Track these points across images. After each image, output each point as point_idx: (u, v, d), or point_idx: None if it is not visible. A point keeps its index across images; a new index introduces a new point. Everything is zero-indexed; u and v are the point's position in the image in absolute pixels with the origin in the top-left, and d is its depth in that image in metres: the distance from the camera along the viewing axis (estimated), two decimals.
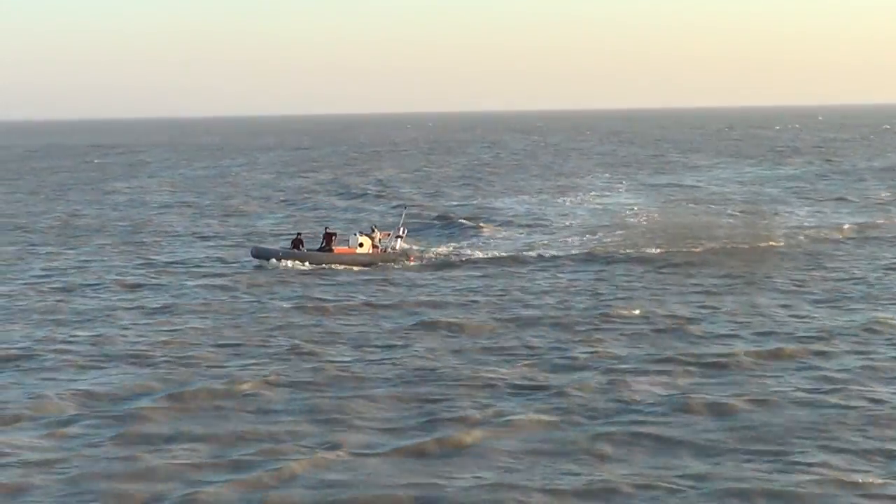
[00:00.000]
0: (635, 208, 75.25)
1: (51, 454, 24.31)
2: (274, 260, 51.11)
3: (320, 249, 52.54)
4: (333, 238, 53.00)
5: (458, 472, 22.94)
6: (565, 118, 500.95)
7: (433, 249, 55.97)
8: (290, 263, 50.88)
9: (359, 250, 52.38)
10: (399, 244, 54.04)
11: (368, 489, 21.98)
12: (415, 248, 56.04)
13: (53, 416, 27.31)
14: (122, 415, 27.27)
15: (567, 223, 67.90)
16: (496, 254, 54.54)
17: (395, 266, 51.32)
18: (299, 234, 54.49)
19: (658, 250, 53.78)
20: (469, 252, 55.25)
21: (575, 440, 24.84)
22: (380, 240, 53.58)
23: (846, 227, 62.73)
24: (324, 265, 51.20)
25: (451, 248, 56.70)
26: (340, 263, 51.42)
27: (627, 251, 53.89)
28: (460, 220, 70.03)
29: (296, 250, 51.96)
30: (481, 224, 68.15)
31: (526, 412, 26.85)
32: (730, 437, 24.84)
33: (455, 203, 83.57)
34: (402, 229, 55.22)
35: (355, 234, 53.83)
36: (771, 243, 56.05)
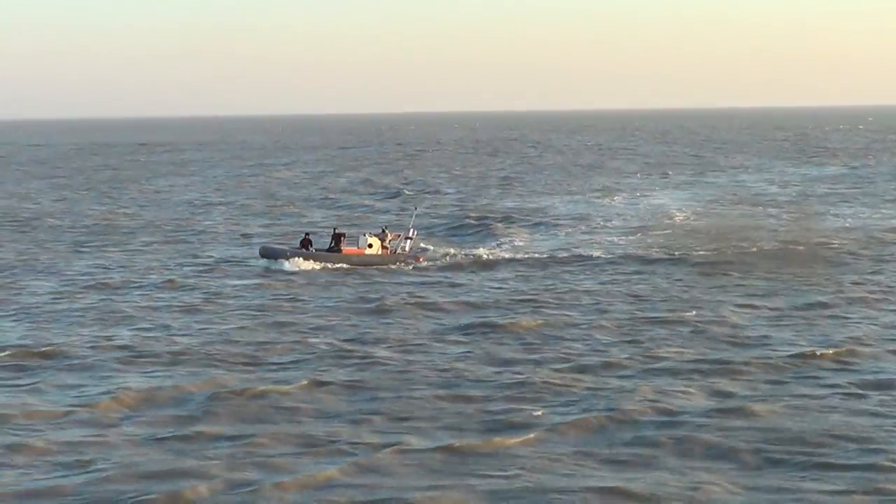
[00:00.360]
0: (680, 209, 74.60)
1: (94, 453, 24.28)
2: (282, 260, 50.70)
3: (329, 250, 52.18)
4: (342, 238, 52.68)
5: (504, 473, 22.74)
6: (614, 118, 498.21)
7: (463, 251, 55.66)
8: (299, 264, 50.44)
9: (367, 251, 52.07)
10: (409, 245, 53.65)
11: (415, 491, 21.80)
12: (439, 249, 55.98)
13: (97, 414, 27.26)
14: (164, 414, 27.28)
15: (610, 223, 67.49)
16: (537, 254, 54.23)
17: (406, 267, 51.01)
18: (307, 233, 54.22)
19: (702, 251, 53.19)
20: (510, 252, 55.05)
21: (618, 445, 24.56)
22: (390, 241, 53.28)
23: None
24: (333, 266, 50.85)
25: (489, 249, 56.47)
26: (349, 264, 51.12)
27: (671, 252, 53.38)
28: (501, 220, 69.73)
29: (304, 250, 51.57)
30: (521, 224, 67.92)
31: (569, 416, 26.57)
32: (776, 444, 24.33)
33: (497, 203, 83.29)
34: (412, 231, 54.88)
35: (364, 235, 53.52)
36: (818, 245, 55.25)
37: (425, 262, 52.13)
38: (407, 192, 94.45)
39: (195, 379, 30.56)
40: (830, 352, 32.52)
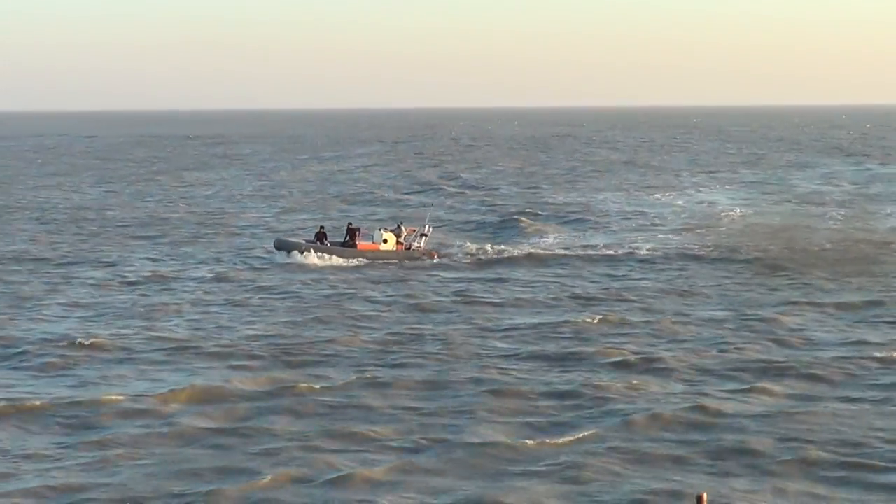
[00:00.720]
0: (734, 206, 73.86)
1: (148, 448, 24.06)
2: (296, 252, 50.45)
3: (343, 244, 51.97)
4: (357, 233, 52.44)
5: (552, 473, 22.43)
6: (670, 114, 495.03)
7: (512, 246, 55.18)
8: (313, 258, 50.13)
9: (382, 246, 51.82)
10: (423, 242, 53.20)
11: (463, 490, 21.59)
12: (485, 244, 55.60)
13: (149, 409, 27.03)
14: (215, 410, 26.94)
15: (663, 220, 66.83)
16: (587, 251, 53.77)
17: (422, 264, 50.61)
18: (322, 226, 53.92)
19: (758, 250, 52.35)
20: (558, 248, 54.67)
21: (661, 450, 23.96)
22: (405, 236, 52.92)
23: None
24: (348, 261, 50.53)
25: (537, 244, 56.10)
26: (365, 259, 50.87)
27: (725, 250, 52.69)
28: (549, 216, 69.44)
29: (318, 243, 51.32)
30: (570, 220, 67.53)
31: (619, 416, 26.15)
32: (823, 451, 23.60)
33: (548, 198, 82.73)
34: (427, 227, 54.49)
35: (379, 230, 53.32)
36: (878, 244, 54.02)
37: (437, 259, 51.56)
38: (451, 189, 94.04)
39: (243, 374, 30.39)
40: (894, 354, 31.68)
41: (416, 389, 28.91)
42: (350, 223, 54.81)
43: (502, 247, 55.01)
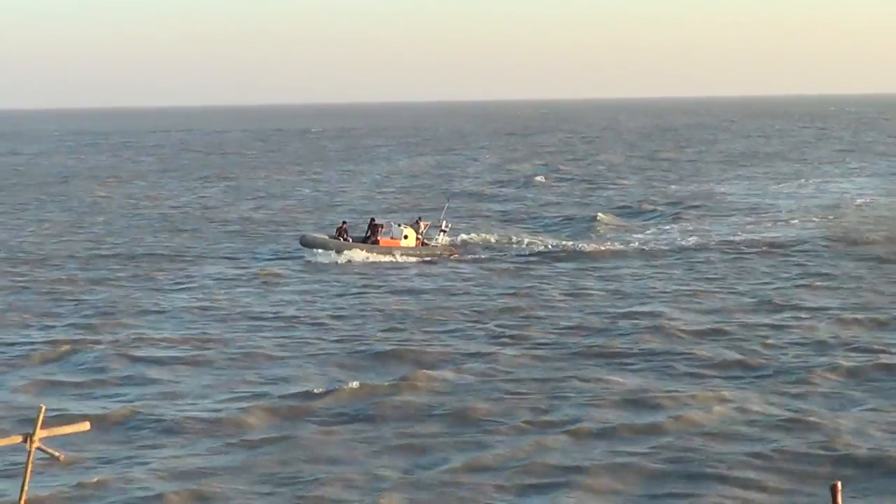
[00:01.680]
0: (865, 195, 71.55)
1: (229, 456, 23.48)
2: (320, 249, 50.07)
3: (364, 240, 51.48)
4: (380, 229, 51.92)
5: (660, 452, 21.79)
6: (807, 103, 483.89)
7: (627, 239, 54.56)
8: (337, 255, 49.70)
9: (403, 242, 51.46)
10: (442, 238, 52.87)
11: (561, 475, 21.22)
12: (512, 236, 55.84)
13: (240, 413, 26.41)
14: (301, 407, 26.51)
15: (793, 211, 64.80)
16: (711, 242, 52.61)
17: (444, 259, 50.33)
18: (344, 222, 53.70)
19: (881, 245, 49.74)
20: (674, 239, 54.13)
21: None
22: (422, 231, 52.55)
23: None
24: (374, 257, 50.22)
25: (655, 235, 56.07)
26: (388, 255, 50.44)
27: (844, 242, 50.70)
28: (674, 206, 68.66)
29: (340, 240, 50.69)
30: (696, 210, 66.22)
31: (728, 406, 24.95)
32: None
33: (674, 189, 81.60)
34: (444, 222, 54.08)
35: (399, 226, 52.70)
36: None
37: (457, 256, 51.01)
38: (585, 178, 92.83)
39: (339, 370, 30.08)
40: None
41: (511, 377, 28.09)
42: (373, 219, 54.35)
43: (636, 234, 55.11)
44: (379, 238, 51.63)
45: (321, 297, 41.18)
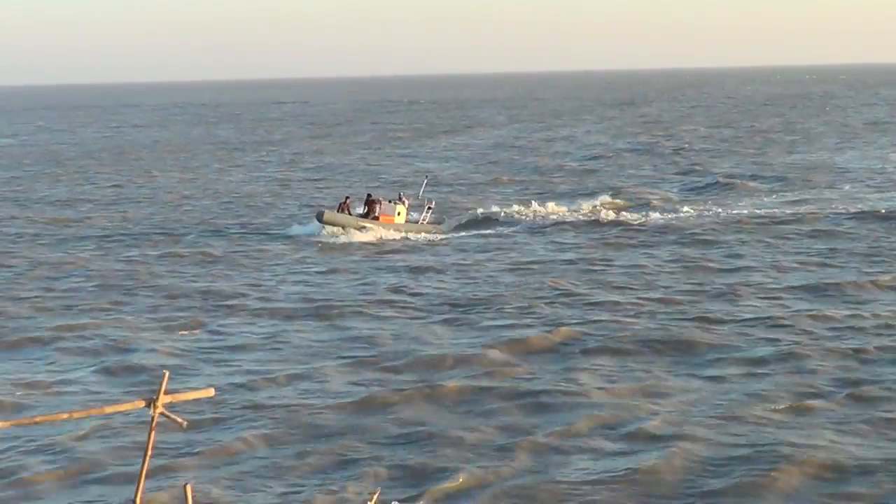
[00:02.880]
0: None
1: (281, 453, 22.61)
2: (320, 224, 49.01)
3: (364, 216, 50.49)
4: (379, 205, 50.85)
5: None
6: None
7: (683, 209, 55.32)
8: (339, 230, 48.83)
9: (396, 219, 50.42)
10: (429, 215, 51.80)
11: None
12: (534, 209, 56.52)
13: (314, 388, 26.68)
14: (361, 404, 25.70)
15: (850, 184, 65.04)
16: (772, 217, 53.00)
17: (430, 238, 49.44)
18: (347, 197, 52.87)
19: None
20: (738, 213, 54.22)
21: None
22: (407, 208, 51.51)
23: None
24: (377, 234, 49.35)
25: (716, 208, 56.04)
26: (386, 232, 49.51)
27: None
28: (741, 179, 68.57)
29: (345, 215, 49.72)
30: (763, 183, 66.61)
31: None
32: None
33: (758, 161, 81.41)
34: (430, 200, 52.89)
35: (390, 202, 51.35)
36: None
37: (442, 236, 49.96)
38: (668, 151, 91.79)
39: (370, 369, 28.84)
40: None
41: (573, 356, 29.10)
42: (370, 195, 52.75)
43: (687, 208, 55.78)
44: (379, 214, 50.66)
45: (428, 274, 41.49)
